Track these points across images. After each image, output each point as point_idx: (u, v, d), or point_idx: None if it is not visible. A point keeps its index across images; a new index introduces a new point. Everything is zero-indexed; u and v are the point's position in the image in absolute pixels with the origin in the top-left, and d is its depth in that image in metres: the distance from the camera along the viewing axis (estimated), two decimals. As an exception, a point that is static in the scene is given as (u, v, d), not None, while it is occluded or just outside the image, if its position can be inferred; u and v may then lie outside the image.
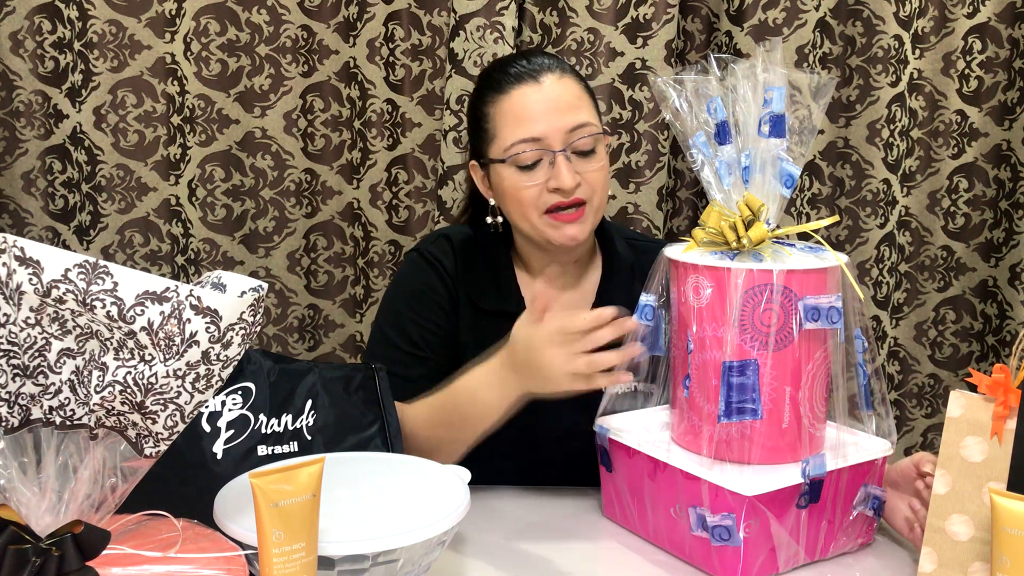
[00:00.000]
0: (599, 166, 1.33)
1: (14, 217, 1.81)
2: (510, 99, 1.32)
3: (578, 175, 1.30)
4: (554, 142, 1.30)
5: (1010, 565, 0.87)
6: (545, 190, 1.30)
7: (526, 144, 1.30)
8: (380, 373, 1.24)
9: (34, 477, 0.81)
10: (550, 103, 1.31)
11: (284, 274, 1.93)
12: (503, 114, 1.33)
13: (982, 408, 1.03)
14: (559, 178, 1.29)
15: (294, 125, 1.88)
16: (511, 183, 1.32)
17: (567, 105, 1.31)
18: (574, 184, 1.29)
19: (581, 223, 1.33)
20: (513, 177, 1.32)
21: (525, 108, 1.31)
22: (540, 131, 1.30)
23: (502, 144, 1.32)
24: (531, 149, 1.30)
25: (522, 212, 1.33)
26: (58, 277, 0.76)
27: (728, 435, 1.10)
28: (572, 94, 1.33)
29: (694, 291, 1.11)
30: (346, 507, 0.97)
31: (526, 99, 1.31)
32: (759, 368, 1.08)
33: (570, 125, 1.30)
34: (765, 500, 1.06)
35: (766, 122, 1.11)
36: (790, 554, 1.11)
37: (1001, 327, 2.05)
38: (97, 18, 1.79)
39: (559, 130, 1.30)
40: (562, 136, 1.30)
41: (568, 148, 1.30)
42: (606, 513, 1.27)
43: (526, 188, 1.31)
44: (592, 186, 1.32)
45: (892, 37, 1.92)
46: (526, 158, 1.30)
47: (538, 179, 1.31)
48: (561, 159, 1.29)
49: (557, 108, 1.31)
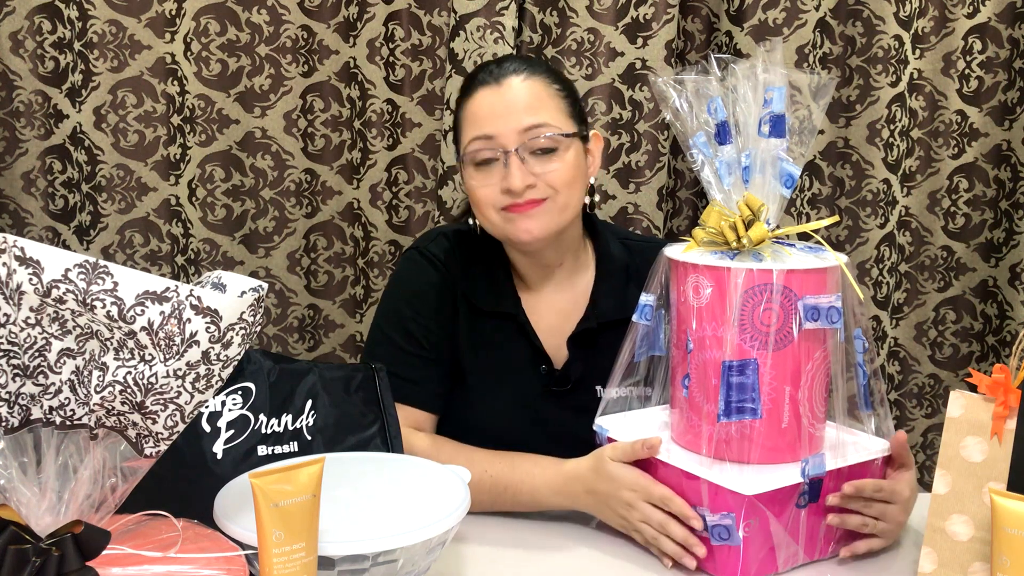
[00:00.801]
0: (560, 166, 1.30)
1: (14, 217, 1.81)
2: (472, 101, 1.34)
3: (533, 176, 1.29)
4: (507, 141, 1.29)
5: (1010, 565, 0.87)
6: (499, 191, 1.30)
7: (479, 142, 1.31)
8: (380, 373, 1.23)
9: (34, 477, 0.81)
10: (506, 103, 1.31)
11: (284, 274, 1.93)
12: (465, 115, 1.35)
13: (982, 408, 1.03)
14: (508, 178, 1.29)
15: (294, 125, 1.88)
16: (469, 183, 1.33)
17: (524, 106, 1.31)
18: (523, 185, 1.28)
19: (536, 217, 1.30)
20: (471, 176, 1.33)
21: (481, 108, 1.32)
22: (492, 129, 1.30)
23: (463, 144, 1.34)
24: (484, 147, 1.30)
25: (481, 212, 1.34)
26: (58, 277, 0.76)
27: (728, 434, 1.10)
28: (533, 95, 1.32)
29: (694, 291, 1.11)
30: (346, 507, 0.97)
31: (484, 100, 1.32)
32: (759, 368, 1.08)
33: (524, 125, 1.29)
34: (764, 499, 1.06)
35: (766, 122, 1.11)
36: (789, 553, 1.11)
37: (1001, 327, 2.05)
38: (97, 18, 1.79)
39: (512, 130, 1.29)
40: (515, 136, 1.29)
41: (522, 148, 1.30)
42: None
43: (481, 188, 1.31)
44: (553, 185, 1.30)
45: (892, 37, 1.92)
46: (479, 155, 1.31)
47: (492, 179, 1.31)
48: (513, 160, 1.29)
49: (511, 109, 1.30)
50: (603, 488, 1.18)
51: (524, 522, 1.25)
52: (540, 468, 1.25)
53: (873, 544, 1.15)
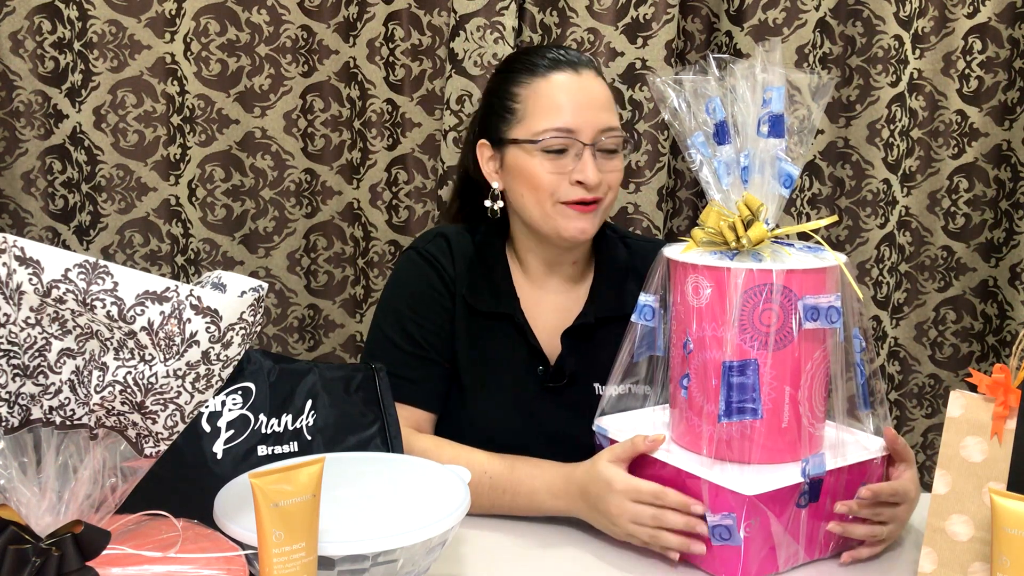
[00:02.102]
0: (618, 168, 1.35)
1: (14, 217, 1.81)
2: (548, 83, 1.33)
3: (600, 173, 1.31)
4: (585, 136, 1.30)
5: (1010, 565, 0.87)
6: (567, 181, 1.31)
7: (559, 132, 1.30)
8: (380, 373, 1.23)
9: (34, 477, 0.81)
10: (588, 97, 1.32)
11: (284, 274, 1.93)
12: (538, 96, 1.33)
13: (982, 408, 1.03)
14: (585, 172, 1.30)
15: (294, 125, 1.88)
16: (533, 166, 1.32)
17: (601, 104, 1.33)
18: (598, 180, 1.30)
19: (592, 218, 1.33)
20: (537, 161, 1.32)
21: (563, 95, 1.32)
22: (575, 123, 1.30)
23: (532, 127, 1.32)
24: (562, 137, 1.30)
25: (536, 198, 1.33)
26: (58, 277, 0.76)
27: (728, 435, 1.10)
28: (606, 96, 1.35)
29: (693, 291, 1.11)
30: (346, 507, 0.97)
31: (565, 87, 1.32)
32: (759, 368, 1.08)
33: (603, 125, 1.31)
34: (765, 499, 1.06)
35: (765, 122, 1.11)
36: (790, 553, 1.11)
37: (1001, 327, 2.05)
38: (97, 18, 1.79)
39: (592, 126, 1.31)
40: (593, 133, 1.31)
41: (596, 145, 1.31)
42: None
43: (549, 174, 1.31)
44: (609, 185, 1.34)
45: (892, 37, 1.92)
46: (555, 143, 1.30)
47: (562, 169, 1.31)
48: (589, 153, 1.30)
49: (593, 105, 1.32)
50: (595, 490, 1.16)
51: (524, 523, 1.25)
52: (540, 471, 1.24)
53: (877, 549, 1.15)
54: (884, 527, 1.14)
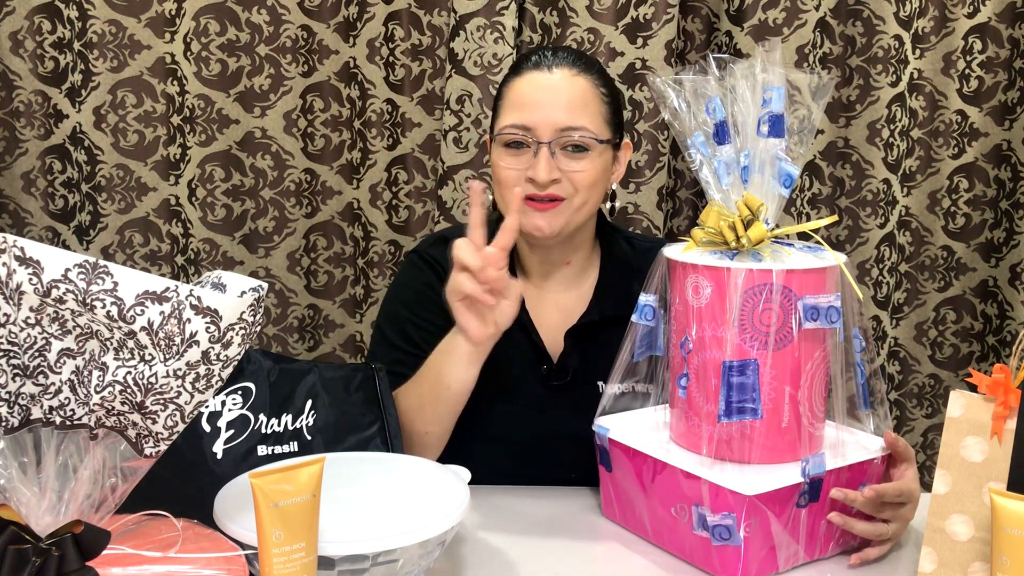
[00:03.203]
0: (588, 168, 1.32)
1: (14, 217, 1.81)
2: (520, 81, 1.34)
3: (559, 172, 1.30)
4: (542, 134, 1.30)
5: (1010, 565, 0.87)
6: (523, 176, 1.31)
7: (516, 129, 1.31)
8: (380, 373, 1.24)
9: (34, 477, 0.81)
10: (552, 96, 1.32)
11: (284, 274, 1.93)
12: (510, 93, 1.35)
13: (982, 408, 1.03)
14: (535, 169, 1.30)
15: (294, 125, 1.88)
16: (497, 160, 1.34)
17: (566, 103, 1.31)
18: (548, 179, 1.29)
19: (551, 216, 1.32)
20: (499, 155, 1.34)
21: (525, 93, 1.33)
22: (532, 120, 1.30)
23: (500, 123, 1.35)
24: (518, 133, 1.31)
25: (500, 190, 1.35)
26: (58, 277, 0.76)
27: (728, 435, 1.10)
28: (578, 95, 1.33)
29: (693, 291, 1.11)
30: (346, 507, 0.97)
31: (533, 84, 1.33)
32: (759, 368, 1.08)
33: (563, 123, 1.30)
34: (765, 499, 1.06)
35: (765, 122, 1.11)
36: (790, 553, 1.11)
37: (1001, 327, 2.05)
38: (97, 18, 1.79)
39: (551, 124, 1.30)
40: (551, 131, 1.30)
41: (555, 143, 1.30)
42: (605, 513, 1.27)
43: (507, 169, 1.32)
44: (575, 185, 1.31)
45: (892, 37, 1.92)
46: (511, 138, 1.32)
47: (519, 164, 1.32)
48: (543, 152, 1.30)
49: (556, 103, 1.31)
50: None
51: (524, 523, 1.25)
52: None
53: (884, 548, 1.15)
54: (888, 525, 1.13)
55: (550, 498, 1.33)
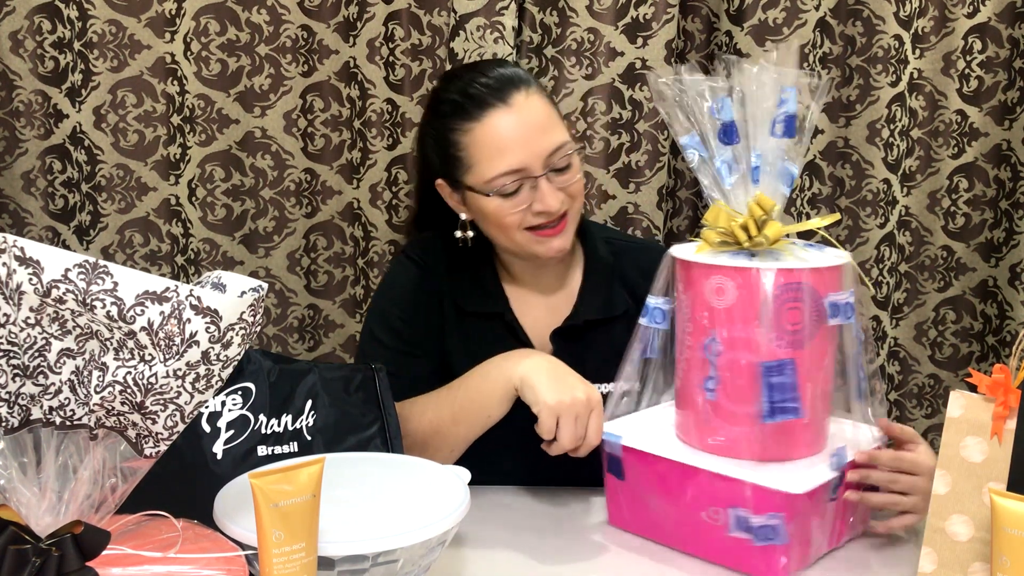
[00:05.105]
0: (576, 177, 1.33)
1: (14, 217, 1.81)
2: (483, 128, 1.30)
3: (560, 191, 1.31)
4: (535, 169, 1.29)
5: (1010, 565, 0.87)
6: (529, 213, 1.31)
7: (508, 176, 1.29)
8: (380, 373, 1.24)
9: (34, 477, 0.81)
10: (527, 128, 1.29)
11: (284, 274, 1.93)
12: (478, 144, 1.30)
13: (982, 408, 1.03)
14: (544, 202, 1.29)
15: (294, 125, 1.88)
16: (493, 209, 1.32)
17: (541, 128, 1.30)
18: (560, 206, 1.30)
19: (564, 234, 1.34)
20: (496, 204, 1.31)
21: (502, 138, 1.29)
22: (521, 162, 1.29)
23: (482, 175, 1.31)
24: (514, 179, 1.29)
25: (505, 233, 1.34)
26: (58, 277, 0.76)
27: (763, 434, 1.10)
28: (543, 113, 1.32)
29: (716, 292, 1.10)
30: (346, 507, 0.97)
31: (501, 127, 1.29)
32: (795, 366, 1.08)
33: (550, 148, 1.30)
34: (810, 496, 1.07)
35: (780, 122, 1.12)
36: (817, 546, 1.11)
37: (1001, 327, 2.05)
38: (97, 18, 1.79)
39: (540, 156, 1.29)
40: (542, 162, 1.29)
41: (548, 170, 1.30)
42: (613, 522, 1.24)
43: (511, 214, 1.31)
44: (572, 197, 1.33)
45: (892, 37, 1.92)
46: (510, 187, 1.30)
47: (521, 204, 1.31)
48: (544, 183, 1.29)
49: (533, 134, 1.29)
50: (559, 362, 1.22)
51: (524, 521, 1.25)
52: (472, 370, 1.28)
53: (907, 520, 1.16)
54: (906, 498, 1.14)
55: (550, 498, 1.33)
